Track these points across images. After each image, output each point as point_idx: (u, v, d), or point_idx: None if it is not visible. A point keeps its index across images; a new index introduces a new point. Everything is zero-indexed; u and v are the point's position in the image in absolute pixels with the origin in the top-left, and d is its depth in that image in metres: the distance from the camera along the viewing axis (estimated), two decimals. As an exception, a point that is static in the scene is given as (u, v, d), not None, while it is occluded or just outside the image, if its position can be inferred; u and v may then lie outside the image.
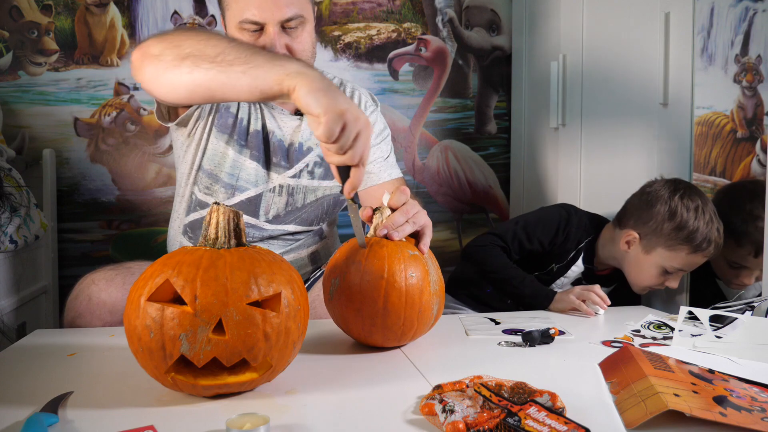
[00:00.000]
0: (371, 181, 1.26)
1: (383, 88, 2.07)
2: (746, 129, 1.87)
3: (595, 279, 1.43)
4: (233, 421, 0.59)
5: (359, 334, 0.91)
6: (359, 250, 0.89)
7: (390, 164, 1.29)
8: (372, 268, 0.86)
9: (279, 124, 1.22)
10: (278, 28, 1.09)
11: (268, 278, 0.70)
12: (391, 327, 0.87)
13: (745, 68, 1.83)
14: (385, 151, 1.29)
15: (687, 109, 1.37)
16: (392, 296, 0.85)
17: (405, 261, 0.87)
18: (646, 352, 0.80)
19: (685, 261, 1.31)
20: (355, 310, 0.87)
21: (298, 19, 1.10)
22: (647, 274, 1.35)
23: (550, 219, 1.43)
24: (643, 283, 1.38)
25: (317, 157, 1.24)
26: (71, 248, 1.91)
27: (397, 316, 0.86)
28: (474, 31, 2.13)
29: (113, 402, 0.71)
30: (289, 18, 1.09)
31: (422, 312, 0.88)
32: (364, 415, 0.67)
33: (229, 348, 0.67)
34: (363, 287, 0.86)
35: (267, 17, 1.08)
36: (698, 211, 1.29)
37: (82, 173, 1.91)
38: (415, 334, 0.91)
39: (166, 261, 0.71)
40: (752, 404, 0.65)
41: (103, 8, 1.90)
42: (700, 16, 1.80)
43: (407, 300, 0.86)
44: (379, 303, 0.85)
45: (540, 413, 0.61)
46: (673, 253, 1.31)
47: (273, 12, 1.08)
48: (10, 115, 1.85)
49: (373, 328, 0.88)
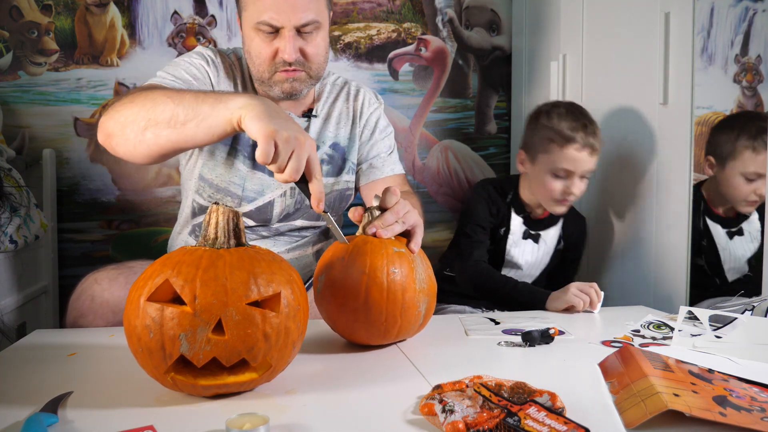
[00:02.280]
0: (374, 175, 1.30)
1: (383, 88, 2.07)
2: (746, 129, 1.87)
3: (537, 224, 1.52)
4: (233, 421, 0.59)
5: (344, 330, 0.92)
6: (345, 247, 0.90)
7: (393, 160, 1.33)
8: (354, 263, 0.87)
9: None
10: (293, 32, 1.10)
11: (268, 278, 0.70)
12: (373, 323, 0.87)
13: (745, 68, 1.83)
14: (388, 147, 1.33)
15: (687, 109, 1.36)
16: (373, 291, 0.86)
17: (388, 257, 0.88)
18: (646, 352, 0.80)
19: (563, 157, 1.40)
20: (339, 305, 0.88)
21: (314, 24, 1.12)
22: (545, 184, 1.43)
23: (477, 202, 1.52)
24: (548, 196, 1.44)
25: (325, 155, 1.26)
26: (71, 248, 1.91)
27: (379, 311, 0.86)
28: (474, 31, 2.13)
29: (113, 402, 0.71)
30: (305, 23, 1.10)
31: (405, 309, 0.88)
32: (364, 415, 0.67)
33: (229, 348, 0.67)
34: (346, 283, 0.87)
35: (284, 21, 1.09)
36: (554, 107, 1.45)
37: (82, 173, 1.91)
38: (399, 332, 0.91)
39: (166, 261, 0.71)
40: (752, 404, 0.65)
41: (103, 8, 1.90)
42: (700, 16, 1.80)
43: (389, 296, 0.86)
44: (360, 298, 0.86)
45: (540, 413, 0.61)
46: (549, 154, 1.41)
47: (290, 16, 1.09)
48: (10, 115, 1.85)
49: (356, 324, 0.89)
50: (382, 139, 1.32)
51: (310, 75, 1.17)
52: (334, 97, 1.31)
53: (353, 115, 1.31)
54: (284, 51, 1.11)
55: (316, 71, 1.17)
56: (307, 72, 1.16)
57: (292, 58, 1.11)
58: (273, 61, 1.13)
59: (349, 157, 1.29)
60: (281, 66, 1.13)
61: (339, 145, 1.28)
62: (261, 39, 1.12)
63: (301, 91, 1.17)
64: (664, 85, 1.41)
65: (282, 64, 1.13)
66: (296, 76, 1.14)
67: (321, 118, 1.27)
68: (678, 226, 1.40)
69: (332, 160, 1.27)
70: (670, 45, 1.39)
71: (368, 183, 1.30)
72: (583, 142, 1.40)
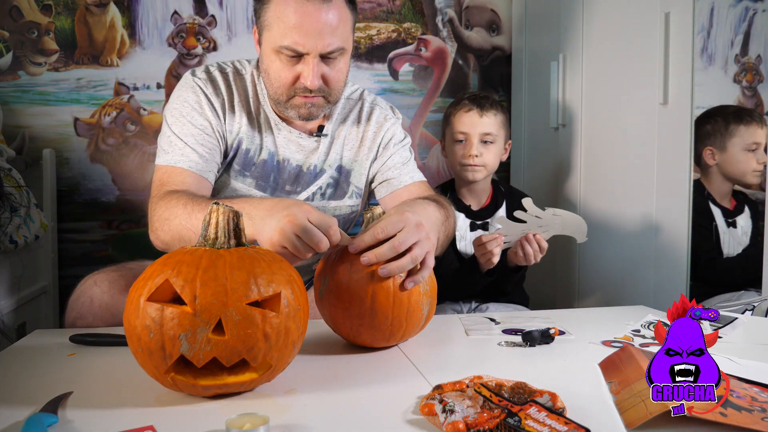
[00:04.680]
0: (392, 186, 1.27)
1: (383, 88, 2.07)
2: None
3: (482, 214, 1.59)
4: (233, 421, 0.59)
5: (348, 334, 0.91)
6: (348, 249, 0.88)
7: (411, 168, 1.30)
8: (360, 267, 0.85)
9: (295, 149, 1.21)
10: (317, 59, 1.06)
11: (268, 278, 0.70)
12: (378, 327, 0.87)
13: (745, 68, 1.83)
14: (404, 157, 1.30)
15: (687, 109, 1.36)
16: (380, 296, 0.85)
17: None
18: (646, 352, 0.80)
19: (457, 121, 1.55)
20: (343, 309, 0.87)
21: (340, 51, 1.08)
22: (452, 154, 1.57)
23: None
24: (455, 162, 1.56)
25: (330, 179, 1.24)
26: (71, 248, 1.91)
27: (385, 316, 0.86)
28: (474, 31, 2.13)
29: (113, 402, 0.71)
30: (331, 51, 1.06)
31: (411, 312, 0.88)
32: (364, 415, 0.67)
33: (229, 348, 0.67)
34: (351, 287, 0.86)
35: (309, 47, 1.04)
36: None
37: (82, 173, 1.91)
38: (404, 335, 0.91)
39: (166, 261, 0.71)
40: (752, 404, 0.65)
41: (103, 8, 1.90)
42: (700, 16, 1.80)
43: (395, 300, 0.86)
44: (367, 302, 0.85)
45: (540, 413, 0.61)
46: (451, 125, 1.57)
47: (316, 43, 1.04)
48: (10, 115, 1.85)
49: (360, 328, 0.88)
50: (398, 151, 1.28)
51: (329, 100, 1.13)
52: (344, 116, 1.26)
53: (362, 138, 1.26)
54: (306, 78, 1.06)
55: (335, 96, 1.14)
56: (326, 97, 1.12)
57: (315, 86, 1.07)
58: (293, 86, 1.09)
59: (353, 180, 1.26)
60: (301, 92, 1.09)
61: (344, 168, 1.25)
62: (282, 62, 1.07)
63: (317, 116, 1.15)
64: (664, 85, 1.41)
65: (302, 90, 1.09)
66: (315, 101, 1.11)
67: (329, 138, 1.24)
68: (678, 226, 1.40)
69: (336, 183, 1.25)
70: (670, 45, 1.39)
71: (389, 194, 1.26)
72: (472, 104, 1.53)
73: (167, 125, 1.15)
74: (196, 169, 1.11)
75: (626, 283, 1.58)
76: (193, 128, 1.13)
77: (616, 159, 1.61)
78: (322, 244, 0.82)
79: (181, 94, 1.16)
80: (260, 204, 0.89)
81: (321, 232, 0.82)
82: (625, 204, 1.58)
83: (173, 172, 1.10)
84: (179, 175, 1.10)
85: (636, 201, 1.54)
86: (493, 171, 1.58)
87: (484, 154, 1.52)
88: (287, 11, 1.04)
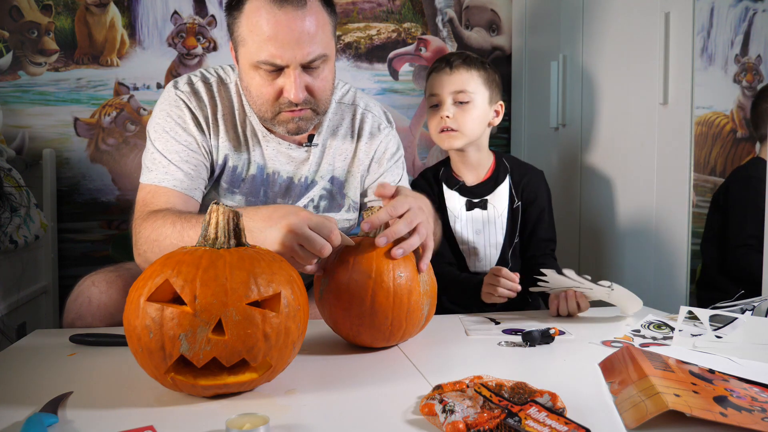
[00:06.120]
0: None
1: (383, 88, 2.07)
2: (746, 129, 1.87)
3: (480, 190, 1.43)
4: (233, 421, 0.59)
5: (348, 334, 0.91)
6: (348, 249, 0.89)
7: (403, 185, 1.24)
8: (360, 267, 0.86)
9: (285, 160, 1.16)
10: (299, 70, 1.00)
11: (268, 278, 0.70)
12: (378, 327, 0.87)
13: (745, 68, 1.83)
14: (396, 175, 1.25)
15: (687, 109, 1.36)
16: (379, 296, 0.85)
17: (393, 260, 0.87)
18: (646, 352, 0.80)
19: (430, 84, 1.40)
20: (343, 309, 0.87)
21: (322, 59, 1.01)
22: (430, 119, 1.41)
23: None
24: (433, 128, 1.40)
25: (323, 191, 1.20)
26: (71, 248, 1.91)
27: (385, 316, 0.86)
28: (474, 31, 2.13)
29: (113, 402, 0.71)
30: (312, 59, 0.99)
31: (411, 312, 0.88)
32: (364, 415, 0.67)
33: (229, 348, 0.67)
34: (350, 287, 0.86)
35: (288, 59, 0.98)
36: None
37: (82, 173, 1.91)
38: (404, 335, 0.91)
39: (166, 261, 0.71)
40: (752, 404, 0.65)
41: (103, 8, 1.90)
42: (700, 16, 1.80)
43: (395, 300, 0.86)
44: (367, 302, 0.85)
45: (540, 413, 0.61)
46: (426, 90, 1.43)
47: (295, 53, 0.97)
48: (10, 115, 1.85)
49: (360, 328, 0.88)
50: (389, 169, 1.23)
51: (317, 111, 1.07)
52: (336, 123, 1.21)
53: (355, 150, 1.21)
54: (289, 92, 1.00)
55: (323, 107, 1.09)
56: (314, 109, 1.06)
57: (300, 99, 1.01)
58: (277, 101, 1.03)
59: (348, 193, 1.22)
60: (286, 107, 1.03)
61: (337, 179, 1.21)
62: (262, 77, 1.01)
63: (306, 129, 1.09)
64: (664, 85, 1.41)
65: (287, 105, 1.03)
66: (302, 115, 1.05)
67: (320, 148, 1.19)
68: (678, 226, 1.40)
69: (331, 195, 1.21)
70: (670, 45, 1.39)
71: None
72: (440, 62, 1.39)
73: (150, 141, 1.10)
74: (181, 188, 1.07)
75: (626, 283, 1.58)
76: (177, 144, 1.08)
77: (616, 159, 1.61)
78: (324, 250, 0.82)
79: (164, 108, 1.10)
80: (256, 214, 0.87)
81: (322, 238, 0.82)
82: (625, 204, 1.58)
83: (157, 191, 1.06)
84: (163, 195, 1.06)
85: (636, 201, 1.54)
86: (474, 137, 1.38)
87: (459, 116, 1.35)
88: (260, 23, 0.97)
